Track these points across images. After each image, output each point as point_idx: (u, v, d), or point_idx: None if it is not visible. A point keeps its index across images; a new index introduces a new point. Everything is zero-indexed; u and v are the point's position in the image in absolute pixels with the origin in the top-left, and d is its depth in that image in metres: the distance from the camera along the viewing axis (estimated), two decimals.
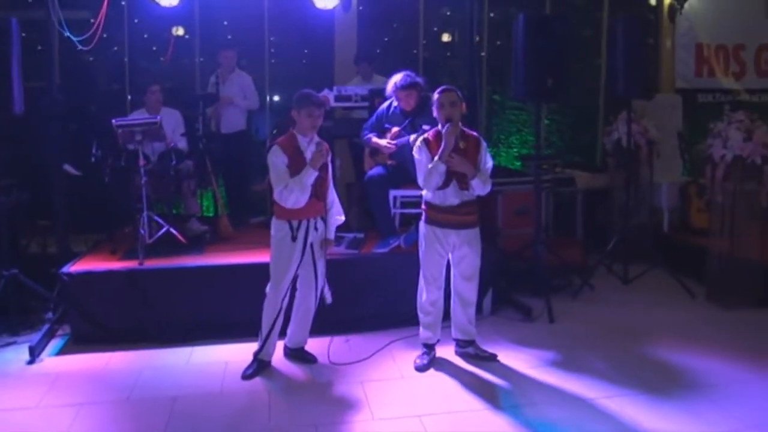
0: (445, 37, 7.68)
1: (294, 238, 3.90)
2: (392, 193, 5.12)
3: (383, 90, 5.18)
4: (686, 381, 3.86)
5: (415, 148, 3.98)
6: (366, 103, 5.63)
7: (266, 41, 7.13)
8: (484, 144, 4.04)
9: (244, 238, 5.53)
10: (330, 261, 4.44)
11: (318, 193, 3.92)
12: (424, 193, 4.06)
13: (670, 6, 7.14)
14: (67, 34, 4.93)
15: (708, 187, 5.24)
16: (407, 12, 7.41)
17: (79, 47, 5.09)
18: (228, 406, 3.65)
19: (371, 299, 4.80)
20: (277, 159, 3.83)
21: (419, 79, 4.90)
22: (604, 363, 4.13)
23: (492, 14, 7.49)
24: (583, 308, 5.22)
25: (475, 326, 4.28)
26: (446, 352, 4.30)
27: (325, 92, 5.67)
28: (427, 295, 4.11)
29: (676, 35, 7.29)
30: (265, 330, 3.98)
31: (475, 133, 4.05)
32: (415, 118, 4.85)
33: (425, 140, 3.96)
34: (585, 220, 6.76)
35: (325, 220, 4.04)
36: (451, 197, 3.96)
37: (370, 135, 5.12)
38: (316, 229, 3.99)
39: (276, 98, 7.28)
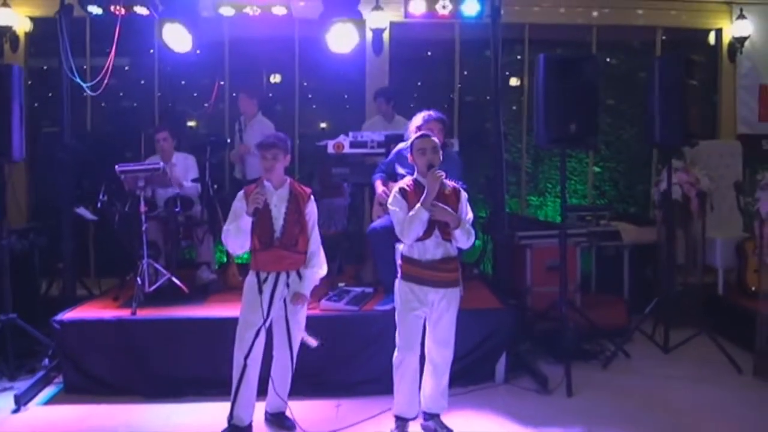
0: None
1: (260, 291, 3.63)
2: (399, 246, 4.78)
3: (401, 136, 4.92)
4: None
5: (391, 198, 3.64)
6: (382, 150, 5.36)
7: (297, 85, 7.04)
8: (464, 195, 3.67)
9: None
10: (325, 318, 4.17)
11: (285, 243, 3.66)
12: (401, 247, 3.70)
13: (730, 45, 6.55)
14: (77, 79, 4.93)
15: (757, 246, 4.62)
16: (441, 55, 7.18)
17: (88, 92, 5.10)
18: None
19: (370, 361, 4.44)
20: (236, 203, 3.68)
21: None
22: None
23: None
24: (613, 380, 4.67)
25: (484, 395, 3.81)
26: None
27: (341, 138, 5.46)
28: (402, 366, 3.69)
29: (737, 76, 6.69)
30: (232, 391, 3.70)
31: (454, 183, 3.68)
32: None
33: (402, 190, 3.62)
34: (633, 277, 6.19)
35: (300, 275, 3.75)
36: (433, 250, 3.59)
37: (379, 178, 4.85)
38: (287, 285, 3.70)
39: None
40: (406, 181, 3.70)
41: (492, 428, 3.82)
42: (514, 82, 7.46)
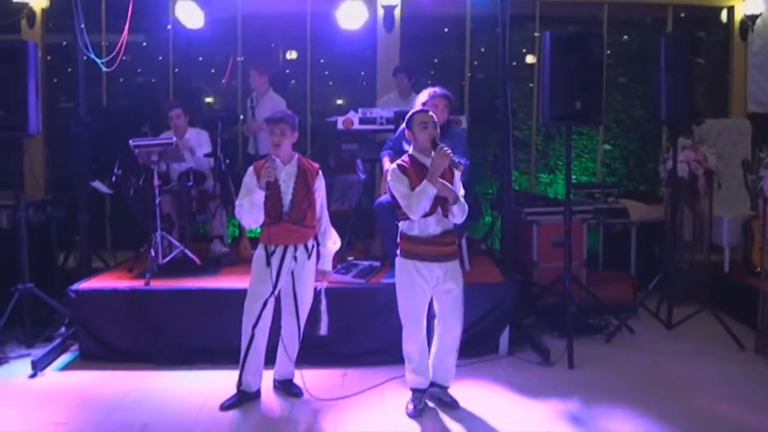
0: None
1: (268, 264, 3.73)
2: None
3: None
4: None
5: (390, 176, 3.68)
6: (391, 126, 5.42)
7: (309, 61, 7.09)
8: (457, 172, 3.69)
9: None
10: (333, 290, 4.26)
11: (294, 217, 3.75)
12: (400, 225, 3.77)
13: (742, 23, 6.50)
14: (92, 55, 5.02)
15: (761, 224, 4.63)
16: (453, 32, 7.18)
17: (103, 68, 5.18)
18: None
19: (375, 332, 4.55)
20: (246, 178, 3.76)
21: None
22: (620, 420, 3.65)
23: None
24: (615, 354, 4.73)
25: (488, 367, 3.92)
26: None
27: (350, 114, 5.53)
28: (411, 341, 3.76)
29: (748, 54, 6.64)
30: (240, 359, 3.83)
31: (457, 160, 3.72)
32: None
33: (400, 167, 3.67)
34: (640, 255, 6.23)
35: (308, 248, 3.85)
36: (434, 226, 3.64)
37: (387, 155, 4.92)
38: (295, 258, 3.80)
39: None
40: (402, 158, 3.74)
41: (493, 398, 3.90)
42: (529, 59, 7.46)
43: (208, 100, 7.62)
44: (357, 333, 4.57)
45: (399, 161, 3.72)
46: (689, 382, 4.22)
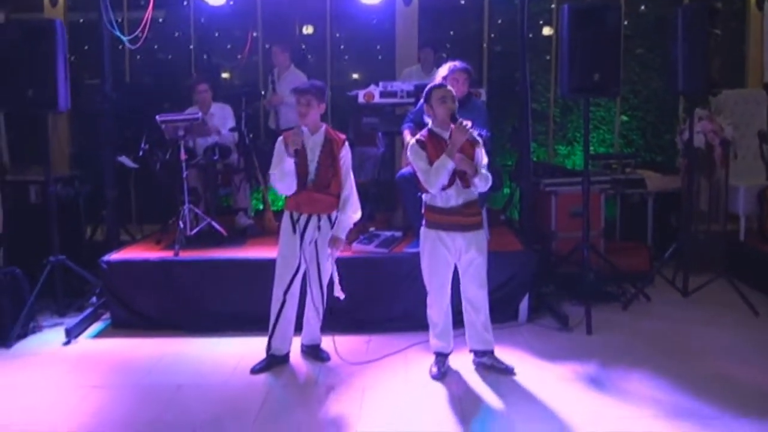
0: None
1: (294, 230, 3.86)
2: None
3: None
4: (717, 407, 3.45)
5: (410, 151, 3.77)
6: (411, 99, 5.49)
7: (329, 36, 7.15)
8: (480, 142, 3.79)
9: None
10: (357, 259, 4.38)
11: (318, 185, 3.86)
12: (424, 197, 3.87)
13: None
14: (117, 33, 5.13)
15: None
16: (471, 5, 7.20)
17: (127, 45, 5.29)
18: (224, 398, 3.67)
19: (399, 300, 4.68)
20: (277, 147, 3.87)
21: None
22: (636, 382, 3.77)
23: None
24: (632, 320, 4.83)
25: (507, 334, 4.01)
26: (463, 363, 4.06)
27: (371, 88, 5.61)
28: (435, 307, 3.89)
29: (764, 24, 6.60)
30: (270, 324, 3.97)
31: (478, 132, 3.81)
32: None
33: (419, 142, 3.75)
34: (657, 224, 6.30)
35: (331, 220, 3.96)
36: (455, 197, 3.74)
37: (407, 128, 5.01)
38: (318, 228, 3.92)
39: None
40: (421, 133, 3.83)
41: (513, 361, 4.01)
42: (546, 31, 7.46)
43: (225, 75, 7.71)
44: (381, 301, 4.70)
45: (418, 136, 3.82)
46: (704, 347, 4.31)
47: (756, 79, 6.74)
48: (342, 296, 3.95)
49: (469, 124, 3.65)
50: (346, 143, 4.00)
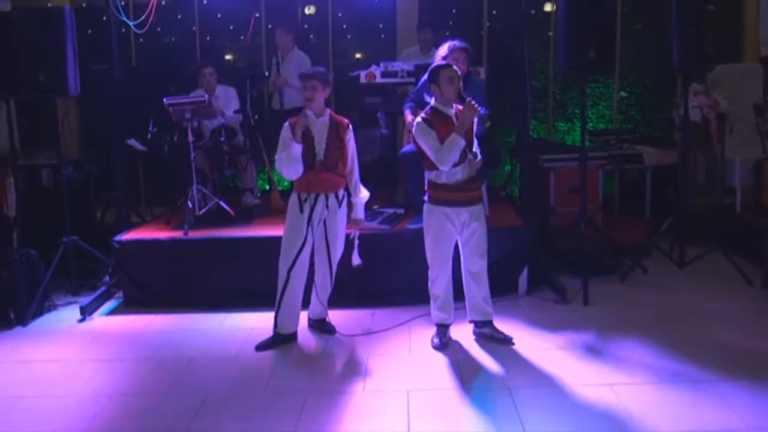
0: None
1: (301, 210, 4.00)
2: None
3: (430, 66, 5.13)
4: (712, 372, 3.59)
5: (416, 130, 3.88)
6: (412, 79, 5.60)
7: (330, 16, 7.23)
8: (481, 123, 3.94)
9: None
10: (361, 236, 4.52)
11: (327, 164, 4.00)
12: (427, 174, 4.00)
13: None
14: (123, 17, 5.23)
15: None
16: None
17: (134, 30, 5.39)
18: (234, 370, 3.83)
19: (401, 274, 4.82)
20: (283, 132, 3.99)
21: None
22: (630, 350, 3.91)
23: None
24: (629, 292, 4.97)
25: (507, 306, 4.14)
26: (464, 333, 4.22)
27: (373, 68, 5.71)
28: (438, 280, 4.03)
29: None
30: (276, 300, 4.12)
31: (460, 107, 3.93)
32: None
33: (426, 120, 3.87)
34: (655, 198, 6.41)
35: (338, 198, 4.11)
36: (460, 173, 3.89)
37: (408, 108, 5.11)
38: (327, 207, 4.06)
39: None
40: (425, 111, 3.95)
41: (513, 332, 4.15)
42: (546, 8, 7.52)
43: (228, 57, 7.81)
44: (384, 276, 4.84)
45: (422, 114, 3.93)
46: (698, 316, 4.44)
47: (752, 53, 6.77)
48: (359, 262, 4.18)
49: (476, 104, 3.78)
50: (350, 127, 4.14)
